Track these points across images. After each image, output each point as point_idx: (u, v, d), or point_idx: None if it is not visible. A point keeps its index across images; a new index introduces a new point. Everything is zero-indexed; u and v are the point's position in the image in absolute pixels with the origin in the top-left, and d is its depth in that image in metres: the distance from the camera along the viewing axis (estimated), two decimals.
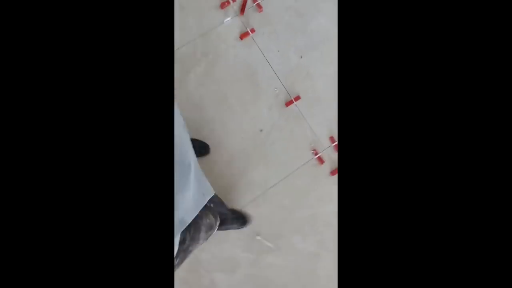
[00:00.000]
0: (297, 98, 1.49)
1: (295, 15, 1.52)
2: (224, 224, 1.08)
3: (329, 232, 1.41)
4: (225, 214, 1.17)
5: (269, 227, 1.41)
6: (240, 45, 1.48)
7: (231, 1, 1.47)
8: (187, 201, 0.57)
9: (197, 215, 0.66)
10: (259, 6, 1.48)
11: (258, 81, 1.48)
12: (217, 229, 0.80)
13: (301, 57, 1.51)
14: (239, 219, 1.33)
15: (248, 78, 1.48)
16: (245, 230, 1.36)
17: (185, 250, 0.62)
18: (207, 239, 0.74)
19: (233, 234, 1.36)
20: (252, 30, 1.47)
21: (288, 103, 1.48)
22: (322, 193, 1.45)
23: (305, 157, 1.47)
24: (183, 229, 0.57)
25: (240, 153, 1.45)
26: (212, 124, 1.45)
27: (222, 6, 1.46)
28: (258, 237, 1.40)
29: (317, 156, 1.46)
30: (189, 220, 0.58)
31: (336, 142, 1.49)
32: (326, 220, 1.43)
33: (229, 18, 1.47)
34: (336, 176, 1.46)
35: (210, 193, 0.67)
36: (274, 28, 1.50)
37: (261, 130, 1.47)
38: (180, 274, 1.31)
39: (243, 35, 1.47)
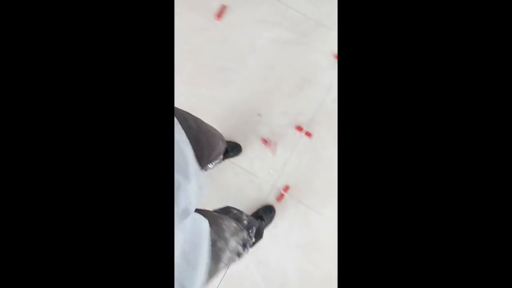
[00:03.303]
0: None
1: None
2: None
3: None
4: None
5: None
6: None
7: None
8: (190, 192, 0.58)
9: (216, 215, 0.69)
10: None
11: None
12: None
13: None
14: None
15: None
16: None
17: (212, 244, 0.62)
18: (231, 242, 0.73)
19: None
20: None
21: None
22: None
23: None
24: (187, 217, 0.58)
25: None
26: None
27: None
28: None
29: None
30: (192, 209, 0.60)
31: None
32: None
33: None
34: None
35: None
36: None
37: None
38: None
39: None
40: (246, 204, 1.37)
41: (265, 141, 1.40)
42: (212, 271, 0.61)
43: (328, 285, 1.31)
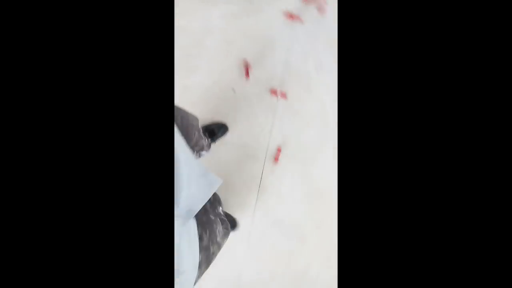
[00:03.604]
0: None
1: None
2: None
3: None
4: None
5: None
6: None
7: None
8: (192, 194, 0.61)
9: (212, 219, 0.73)
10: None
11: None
12: None
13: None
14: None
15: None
16: None
17: (206, 249, 0.65)
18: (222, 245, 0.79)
19: None
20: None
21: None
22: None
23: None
24: (191, 217, 0.61)
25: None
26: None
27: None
28: None
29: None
30: (196, 209, 0.62)
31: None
32: None
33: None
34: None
35: (218, 183, 0.71)
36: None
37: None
38: None
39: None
40: (248, 176, 1.44)
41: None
42: (203, 272, 0.67)
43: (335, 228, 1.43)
